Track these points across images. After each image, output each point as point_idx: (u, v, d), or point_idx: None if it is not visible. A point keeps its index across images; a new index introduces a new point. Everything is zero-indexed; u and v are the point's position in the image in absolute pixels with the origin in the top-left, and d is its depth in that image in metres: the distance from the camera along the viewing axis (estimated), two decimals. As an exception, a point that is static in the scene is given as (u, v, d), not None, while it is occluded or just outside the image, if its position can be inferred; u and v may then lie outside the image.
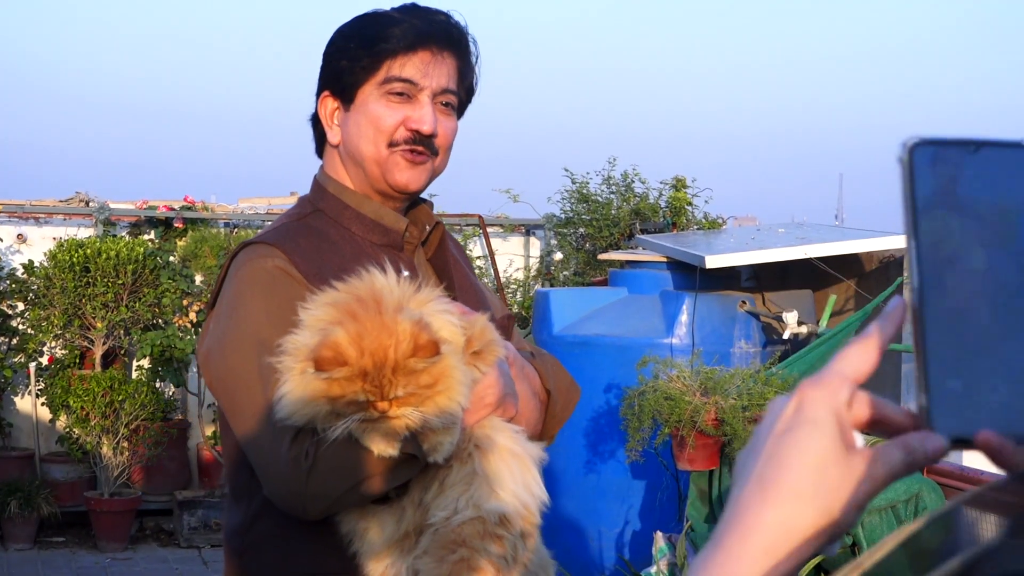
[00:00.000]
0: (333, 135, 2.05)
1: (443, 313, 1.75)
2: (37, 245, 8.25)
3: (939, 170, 0.72)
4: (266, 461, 1.79)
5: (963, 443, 0.71)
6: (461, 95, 2.07)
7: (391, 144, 1.99)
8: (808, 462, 0.71)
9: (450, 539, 1.71)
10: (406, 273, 1.96)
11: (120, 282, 7.72)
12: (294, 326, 1.71)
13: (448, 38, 2.02)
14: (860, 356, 0.74)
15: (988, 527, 0.71)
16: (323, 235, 1.98)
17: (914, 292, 0.72)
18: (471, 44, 2.07)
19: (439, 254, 2.10)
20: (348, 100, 2.02)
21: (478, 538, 1.71)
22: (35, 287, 7.86)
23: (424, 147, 1.99)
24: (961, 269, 0.72)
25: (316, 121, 2.09)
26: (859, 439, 0.74)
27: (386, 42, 1.98)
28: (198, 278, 8.17)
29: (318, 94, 2.06)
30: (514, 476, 1.78)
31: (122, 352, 8.01)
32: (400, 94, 1.98)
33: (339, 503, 1.76)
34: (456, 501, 1.73)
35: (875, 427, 0.74)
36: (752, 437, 0.75)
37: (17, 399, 8.12)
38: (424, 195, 2.11)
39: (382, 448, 1.70)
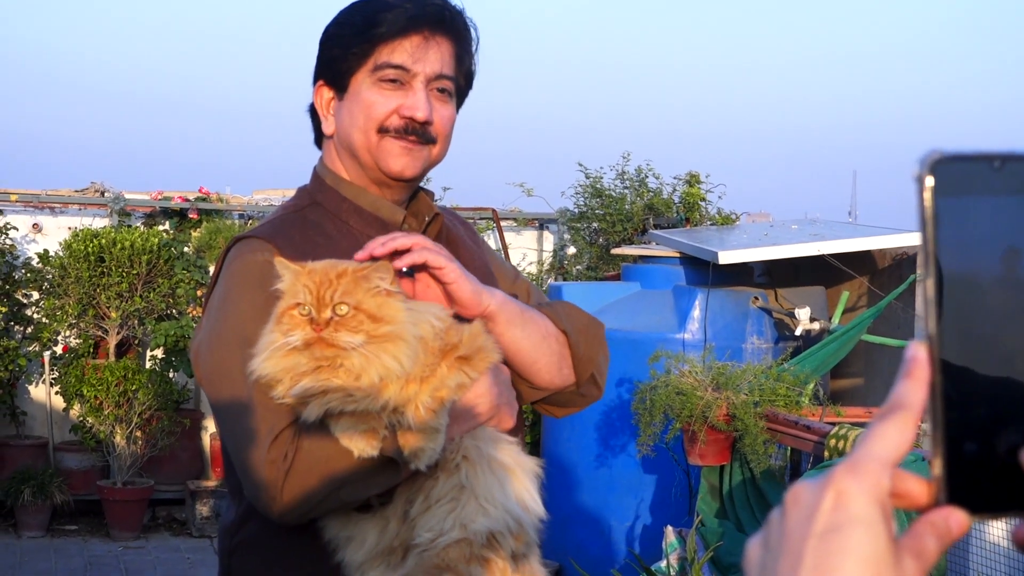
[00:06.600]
0: (328, 125, 1.99)
1: (426, 312, 1.68)
2: (52, 235, 8.26)
3: (961, 191, 0.64)
4: (245, 462, 1.74)
5: (987, 515, 0.66)
6: (459, 81, 1.98)
7: (381, 130, 1.91)
8: (865, 573, 0.62)
9: (434, 563, 1.63)
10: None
11: (134, 272, 7.75)
12: None
13: (441, 22, 1.93)
14: (896, 435, 0.66)
15: None
16: (319, 228, 1.93)
17: (931, 340, 0.65)
18: (469, 29, 1.99)
19: None
20: (342, 89, 1.95)
21: (463, 562, 1.63)
22: (50, 276, 7.90)
23: (417, 136, 1.92)
24: (986, 312, 0.65)
25: (314, 111, 2.03)
26: None
27: (377, 27, 1.91)
28: (212, 269, 8.19)
29: (314, 83, 2.00)
30: (505, 491, 1.68)
31: (136, 342, 8.05)
32: (393, 80, 1.91)
33: (317, 508, 1.71)
34: (443, 521, 1.65)
35: (894, 500, 0.67)
36: (771, 528, 0.67)
37: (31, 388, 8.16)
38: (438, 187, 2.07)
39: (361, 447, 1.63)
